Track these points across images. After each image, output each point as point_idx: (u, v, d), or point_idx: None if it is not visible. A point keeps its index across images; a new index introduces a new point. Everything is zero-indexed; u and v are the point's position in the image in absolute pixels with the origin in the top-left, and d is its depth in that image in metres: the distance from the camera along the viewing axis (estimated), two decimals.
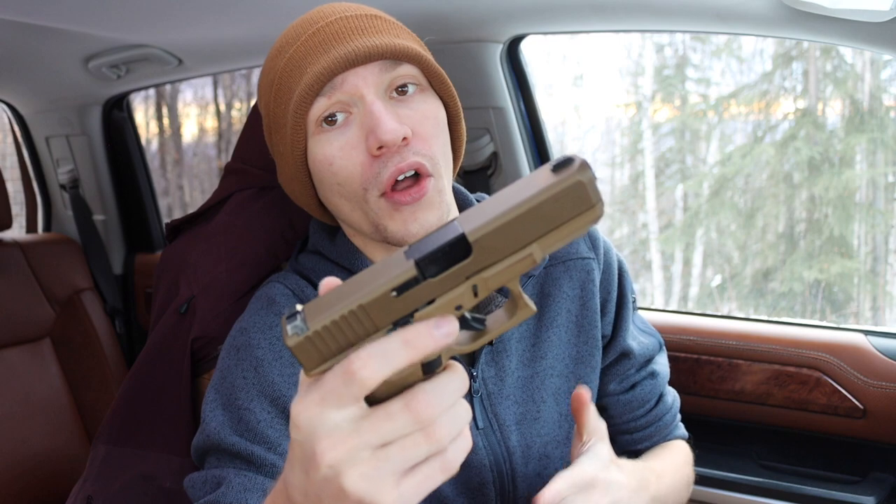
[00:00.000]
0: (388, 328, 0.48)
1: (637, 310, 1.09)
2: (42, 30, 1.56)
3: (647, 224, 7.75)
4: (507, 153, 1.66)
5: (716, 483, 1.45)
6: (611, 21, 1.40)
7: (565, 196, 0.47)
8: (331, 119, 0.83)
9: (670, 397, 1.09)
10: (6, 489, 1.80)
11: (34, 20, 1.48)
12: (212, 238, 1.29)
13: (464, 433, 0.51)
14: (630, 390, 1.05)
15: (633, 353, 1.04)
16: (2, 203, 1.88)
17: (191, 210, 1.38)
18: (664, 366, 1.10)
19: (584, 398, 0.83)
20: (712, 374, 1.47)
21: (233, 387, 0.86)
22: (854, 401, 1.35)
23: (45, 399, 1.96)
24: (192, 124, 8.92)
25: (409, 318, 0.48)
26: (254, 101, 1.33)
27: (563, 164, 0.48)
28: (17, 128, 2.26)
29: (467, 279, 0.48)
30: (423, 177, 0.83)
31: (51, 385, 1.99)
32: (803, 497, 1.38)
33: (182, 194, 8.79)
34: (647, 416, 1.06)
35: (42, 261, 2.05)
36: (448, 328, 0.48)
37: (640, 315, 1.10)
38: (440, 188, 0.85)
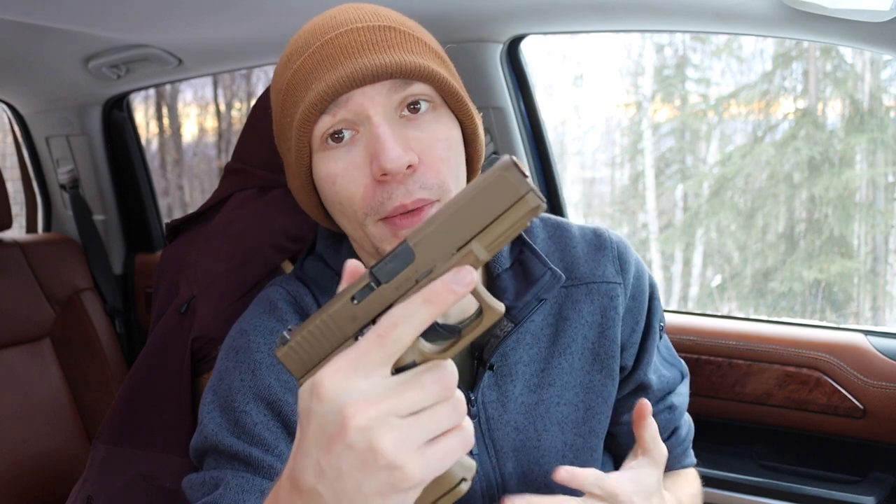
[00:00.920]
0: (357, 334, 0.53)
1: (663, 336, 1.03)
2: (42, 30, 1.56)
3: (647, 224, 7.75)
4: (506, 153, 1.65)
5: (716, 483, 1.45)
6: (611, 21, 1.40)
7: (491, 191, 0.50)
8: (337, 136, 0.79)
9: (685, 429, 1.05)
10: (6, 489, 1.80)
11: (34, 20, 1.48)
12: (212, 238, 1.29)
13: (468, 423, 0.53)
14: None
15: (651, 388, 0.98)
16: (2, 203, 1.88)
17: (191, 210, 1.37)
18: (684, 396, 1.04)
19: (644, 411, 0.81)
20: (712, 374, 1.47)
21: (230, 389, 0.86)
22: (854, 401, 1.35)
23: (45, 399, 1.96)
24: (192, 124, 8.91)
25: (371, 323, 0.53)
26: (254, 101, 1.33)
27: (491, 162, 0.52)
28: (17, 128, 2.26)
29: (417, 282, 0.52)
30: (424, 207, 0.79)
31: (51, 385, 1.99)
32: (803, 497, 1.38)
33: (182, 194, 8.78)
34: None
35: (42, 261, 2.04)
36: (465, 278, 0.50)
37: (667, 342, 1.04)
38: None
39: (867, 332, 1.39)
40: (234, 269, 1.24)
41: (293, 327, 0.54)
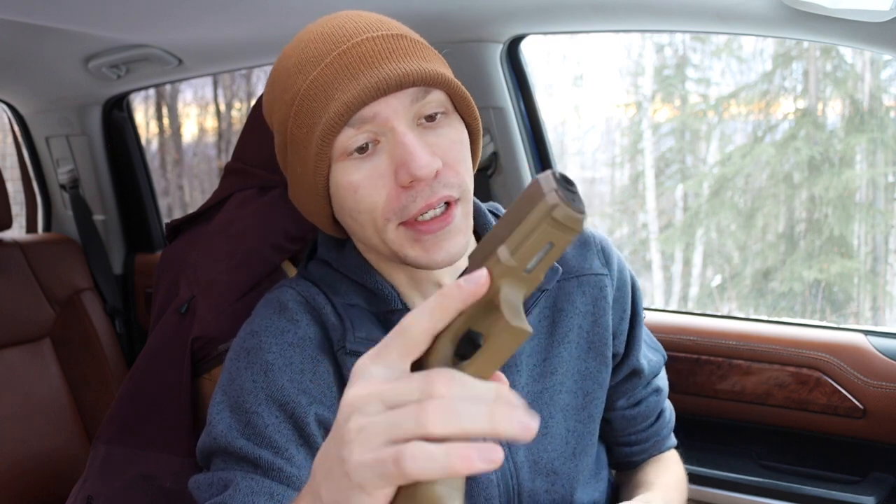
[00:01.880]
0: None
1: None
2: (42, 30, 1.56)
3: (647, 224, 7.75)
4: (506, 153, 1.66)
5: (716, 483, 1.45)
6: (611, 21, 1.40)
7: (524, 197, 0.51)
8: (361, 149, 0.80)
9: (668, 411, 1.11)
10: (6, 489, 1.80)
11: (34, 20, 1.48)
12: (212, 238, 1.29)
13: (465, 446, 0.45)
14: (636, 406, 1.06)
15: (643, 372, 1.04)
16: (2, 203, 1.88)
17: (191, 210, 1.37)
18: (665, 380, 1.12)
19: None
20: (712, 374, 1.47)
21: (241, 390, 0.85)
22: (854, 401, 1.35)
23: (45, 399, 1.96)
24: (192, 124, 8.91)
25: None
26: (254, 101, 1.33)
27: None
28: (17, 128, 2.26)
29: None
30: (451, 205, 0.82)
31: (51, 385, 1.99)
32: (803, 497, 1.38)
33: (182, 194, 8.79)
34: (648, 430, 1.08)
35: (42, 261, 2.04)
36: (475, 278, 0.50)
37: (646, 329, 1.10)
38: (466, 211, 0.84)
39: (867, 332, 1.39)
40: (235, 269, 1.24)
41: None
